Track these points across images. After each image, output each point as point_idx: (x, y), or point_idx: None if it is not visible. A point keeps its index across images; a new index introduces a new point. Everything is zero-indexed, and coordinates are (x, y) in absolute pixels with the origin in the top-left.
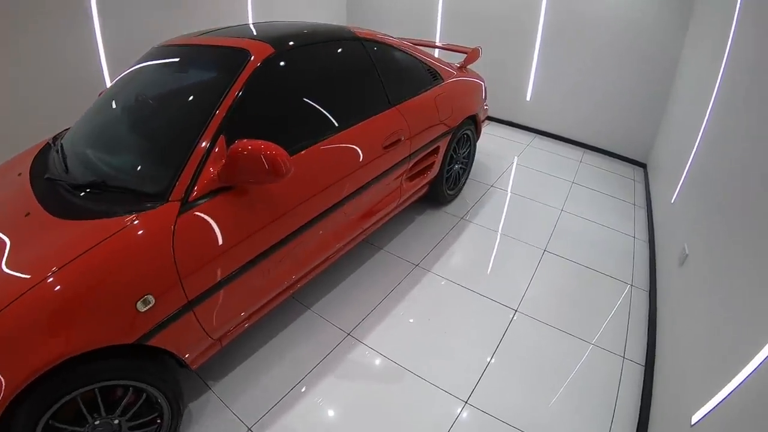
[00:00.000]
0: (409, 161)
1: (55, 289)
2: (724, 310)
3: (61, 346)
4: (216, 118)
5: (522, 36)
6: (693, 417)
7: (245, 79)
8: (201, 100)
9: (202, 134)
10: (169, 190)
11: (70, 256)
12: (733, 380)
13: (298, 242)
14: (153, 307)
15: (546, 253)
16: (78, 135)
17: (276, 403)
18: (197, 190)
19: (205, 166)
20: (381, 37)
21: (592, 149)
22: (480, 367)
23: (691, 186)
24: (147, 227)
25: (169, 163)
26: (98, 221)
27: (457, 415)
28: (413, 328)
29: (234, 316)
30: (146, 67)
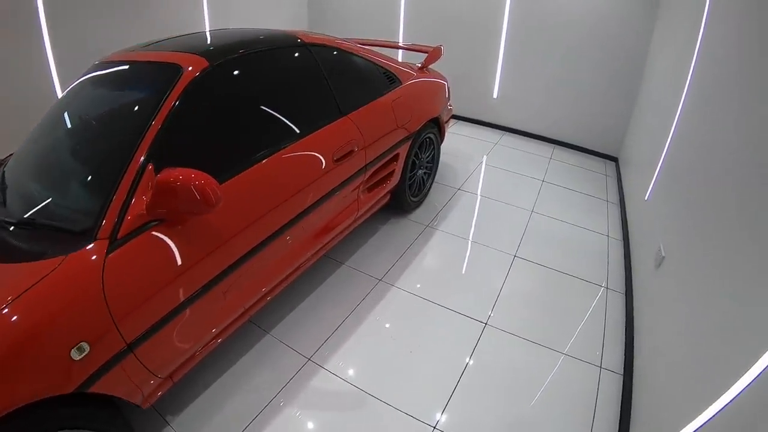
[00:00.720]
0: (366, 172)
1: None
2: (705, 315)
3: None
4: (143, 143)
5: (487, 33)
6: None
7: (176, 96)
8: (129, 123)
9: (128, 163)
10: (97, 227)
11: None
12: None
13: (246, 269)
14: (89, 354)
15: (516, 259)
16: (16, 163)
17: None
18: (126, 226)
19: (134, 198)
20: (331, 41)
21: (562, 145)
22: (449, 388)
23: (665, 183)
24: (74, 269)
25: (96, 197)
26: (26, 264)
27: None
28: (377, 348)
29: (181, 352)
30: (82, 85)
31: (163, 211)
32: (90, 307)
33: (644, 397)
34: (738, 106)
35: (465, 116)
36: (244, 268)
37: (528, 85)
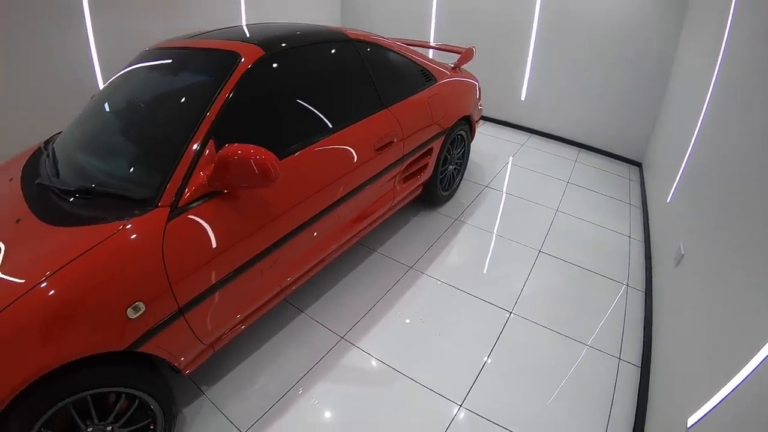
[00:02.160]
0: (402, 163)
1: (46, 297)
2: (720, 311)
3: (52, 354)
4: (206, 121)
5: (516, 35)
6: (689, 420)
7: (235, 81)
8: (191, 104)
9: (191, 138)
10: (159, 196)
11: (60, 263)
12: (729, 383)
13: (290, 246)
14: (143, 314)
15: (541, 254)
16: (69, 139)
17: (269, 407)
18: (187, 196)
19: (195, 171)
20: (373, 38)
21: (587, 148)
22: (475, 370)
23: (687, 185)
24: (136, 233)
25: (159, 168)
26: (88, 227)
27: (452, 418)
28: (407, 330)
29: (226, 321)
30: (136, 70)
31: (224, 183)
32: (149, 268)
33: (660, 387)
34: (760, 109)
35: (493, 117)
36: (289, 244)
37: (555, 88)
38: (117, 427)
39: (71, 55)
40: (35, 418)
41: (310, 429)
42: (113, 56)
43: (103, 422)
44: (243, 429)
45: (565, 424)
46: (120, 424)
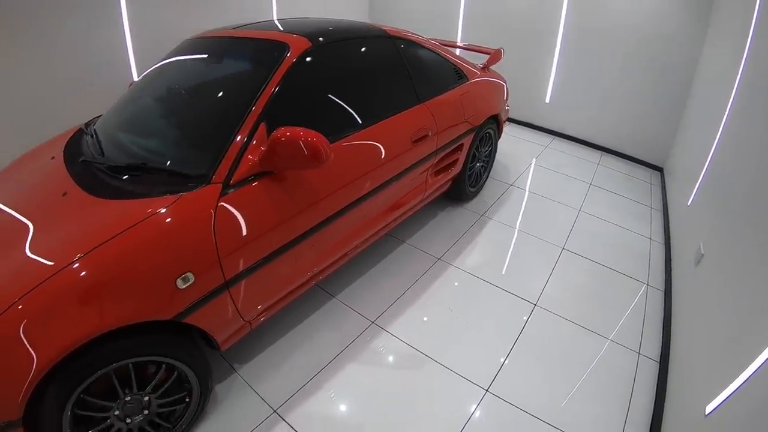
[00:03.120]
0: (435, 156)
1: (99, 263)
2: (739, 305)
3: (103, 318)
4: (257, 105)
5: (543, 38)
6: (707, 407)
7: (284, 70)
8: (242, 89)
9: (243, 120)
10: (212, 173)
11: (114, 231)
12: (745, 371)
13: (331, 229)
14: (192, 285)
15: (564, 251)
16: (114, 121)
17: (301, 387)
18: (238, 174)
19: (247, 151)
20: (410, 35)
21: (610, 152)
22: (500, 358)
23: (708, 189)
24: (190, 207)
25: (212, 147)
26: (141, 200)
27: (479, 402)
28: (435, 318)
29: (266, 298)
30: (184, 57)
31: (276, 163)
32: (200, 241)
33: (678, 378)
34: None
35: (517, 119)
36: (330, 227)
37: (580, 92)
38: (154, 398)
39: (107, 44)
40: (78, 383)
41: (340, 409)
42: (148, 46)
43: (141, 392)
44: (275, 406)
45: (587, 411)
46: (157, 395)
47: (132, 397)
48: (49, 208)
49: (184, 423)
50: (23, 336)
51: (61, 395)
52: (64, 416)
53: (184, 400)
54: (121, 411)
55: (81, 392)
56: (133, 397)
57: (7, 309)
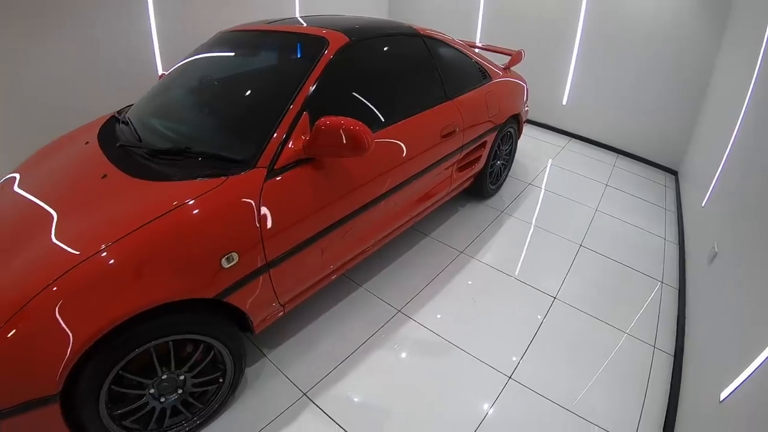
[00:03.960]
0: (461, 152)
1: (147, 241)
2: (751, 299)
3: (149, 294)
4: (300, 95)
5: (561, 41)
6: (721, 394)
7: (324, 63)
8: (285, 80)
9: (287, 109)
10: (257, 158)
11: (161, 211)
12: (758, 358)
13: (365, 217)
14: (235, 265)
15: (582, 248)
16: (152, 108)
17: (330, 371)
18: (282, 160)
19: (290, 138)
20: (439, 34)
21: (625, 154)
22: (522, 347)
23: (722, 190)
24: (237, 189)
25: (257, 134)
26: (186, 182)
27: (503, 388)
28: (459, 307)
29: (301, 282)
30: (222, 48)
31: (319, 150)
32: (245, 222)
33: (693, 368)
34: None
35: (535, 120)
36: (364, 215)
37: (596, 94)
38: (189, 377)
39: (133, 38)
40: (119, 359)
41: (368, 393)
42: (173, 40)
43: (178, 370)
44: (304, 390)
45: (606, 399)
46: (193, 374)
47: (168, 375)
48: (89, 190)
49: (216, 403)
50: (67, 311)
51: (101, 371)
52: (101, 392)
53: (218, 381)
54: (156, 389)
55: (120, 368)
56: (168, 376)
57: (55, 281)
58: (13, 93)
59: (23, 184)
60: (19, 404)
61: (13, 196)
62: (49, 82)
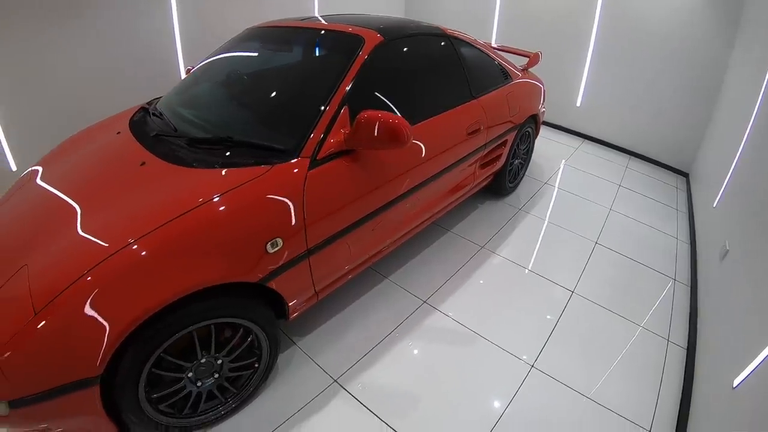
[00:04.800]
0: (484, 149)
1: (195, 225)
2: (761, 292)
3: (197, 277)
4: (340, 90)
5: (575, 44)
6: (734, 380)
7: (361, 60)
8: (325, 75)
9: (328, 103)
10: (300, 148)
11: (208, 196)
12: None
13: (398, 208)
14: (279, 250)
15: (597, 245)
16: (187, 100)
17: (359, 359)
18: (324, 150)
19: (332, 130)
20: (464, 35)
21: (637, 156)
22: (543, 337)
23: (734, 190)
24: (283, 176)
25: (300, 125)
26: (230, 169)
27: (526, 376)
28: (482, 299)
29: (336, 270)
30: (255, 43)
31: (360, 142)
32: (290, 208)
33: (706, 359)
34: None
35: (549, 122)
36: (396, 206)
37: (610, 97)
38: (227, 362)
39: (156, 34)
40: (162, 341)
41: (397, 379)
42: (193, 36)
43: (217, 354)
44: (335, 376)
45: (624, 387)
46: (231, 358)
47: (207, 359)
48: (129, 177)
49: (251, 386)
50: (120, 291)
51: (145, 352)
52: (142, 374)
53: (253, 366)
54: (193, 373)
55: (162, 351)
56: (207, 360)
57: (103, 261)
58: (38, 88)
59: (55, 174)
60: (61, 386)
61: (47, 185)
62: (73, 78)
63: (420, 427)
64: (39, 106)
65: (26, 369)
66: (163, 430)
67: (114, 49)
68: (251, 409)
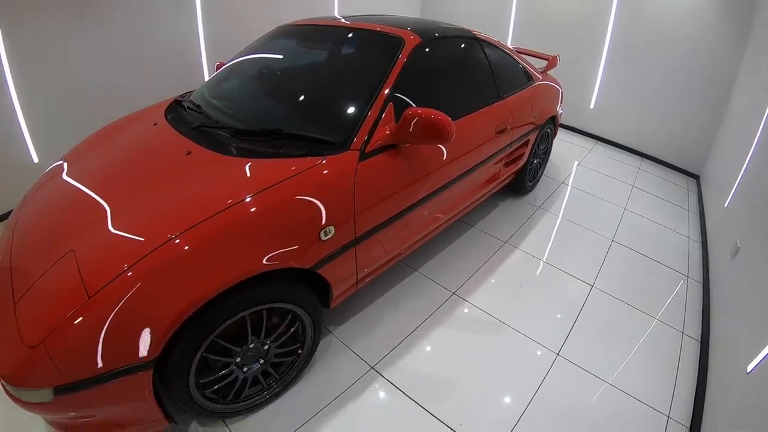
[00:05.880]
0: (509, 148)
1: (258, 209)
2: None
3: (260, 259)
4: (385, 87)
5: (590, 47)
6: (748, 366)
7: (403, 59)
8: (370, 73)
9: (375, 99)
10: (350, 141)
11: (264, 184)
12: None
13: (434, 201)
14: (331, 238)
15: (614, 243)
16: (226, 93)
17: (394, 347)
18: (372, 144)
19: (379, 125)
20: (491, 38)
21: (649, 158)
22: (566, 327)
23: (745, 190)
24: (336, 167)
25: (350, 120)
26: (283, 159)
27: (552, 363)
28: (508, 291)
29: (376, 260)
30: (291, 40)
31: (406, 137)
32: (343, 197)
33: (719, 348)
34: None
35: (563, 123)
36: (437, 198)
37: (622, 99)
38: (274, 347)
39: (180, 33)
40: (218, 325)
41: (431, 366)
42: (216, 35)
43: (267, 339)
44: (371, 363)
45: (643, 373)
46: (277, 344)
47: (255, 344)
48: (175, 166)
49: (294, 371)
50: (183, 272)
51: (200, 336)
52: (194, 359)
53: (296, 352)
54: (241, 359)
55: (216, 335)
56: (255, 345)
57: (165, 243)
58: (62, 82)
59: (93, 163)
60: (115, 370)
61: (86, 173)
62: (96, 74)
63: (455, 410)
64: (62, 100)
65: (77, 353)
66: (208, 415)
67: (138, 47)
68: (292, 395)
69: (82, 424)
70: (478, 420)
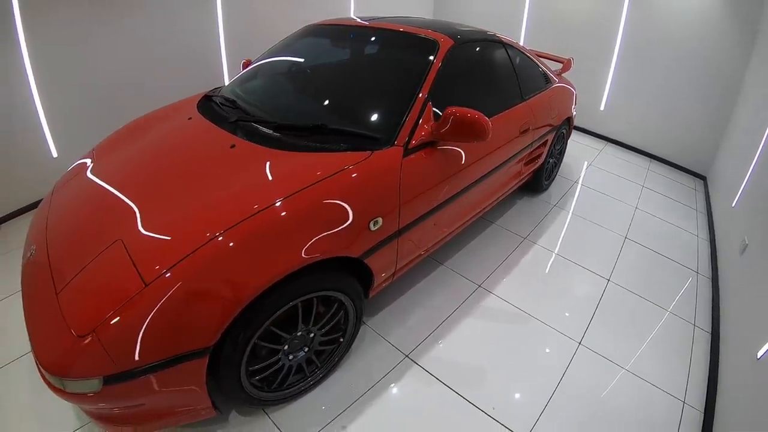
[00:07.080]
0: (530, 148)
1: (314, 199)
2: None
3: (316, 247)
4: (424, 87)
5: (600, 50)
6: (758, 352)
7: (440, 60)
8: (409, 73)
9: (416, 98)
10: (395, 137)
11: (317, 177)
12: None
13: (466, 196)
14: (379, 229)
15: (626, 240)
16: (260, 89)
17: (426, 337)
18: (414, 140)
19: (420, 123)
20: (514, 42)
21: (657, 159)
22: (586, 318)
23: (752, 189)
24: (383, 161)
25: (393, 117)
26: (330, 153)
27: (575, 352)
28: (530, 284)
29: (415, 251)
30: (322, 40)
31: (445, 135)
32: (389, 190)
33: (730, 337)
34: None
35: (575, 125)
36: (465, 195)
37: (632, 102)
38: (319, 335)
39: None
40: (273, 312)
41: (463, 354)
42: (235, 35)
43: (314, 327)
44: (406, 352)
45: (659, 361)
46: (323, 332)
47: (302, 331)
48: (221, 158)
49: (336, 356)
50: (244, 258)
51: (256, 323)
52: (247, 347)
53: (338, 341)
54: (288, 346)
55: (270, 323)
56: (302, 333)
57: (224, 231)
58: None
59: (127, 155)
60: (171, 357)
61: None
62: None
63: (488, 395)
64: (82, 96)
65: (131, 341)
66: (255, 403)
67: (158, 45)
68: (331, 383)
69: (122, 415)
70: (509, 403)
